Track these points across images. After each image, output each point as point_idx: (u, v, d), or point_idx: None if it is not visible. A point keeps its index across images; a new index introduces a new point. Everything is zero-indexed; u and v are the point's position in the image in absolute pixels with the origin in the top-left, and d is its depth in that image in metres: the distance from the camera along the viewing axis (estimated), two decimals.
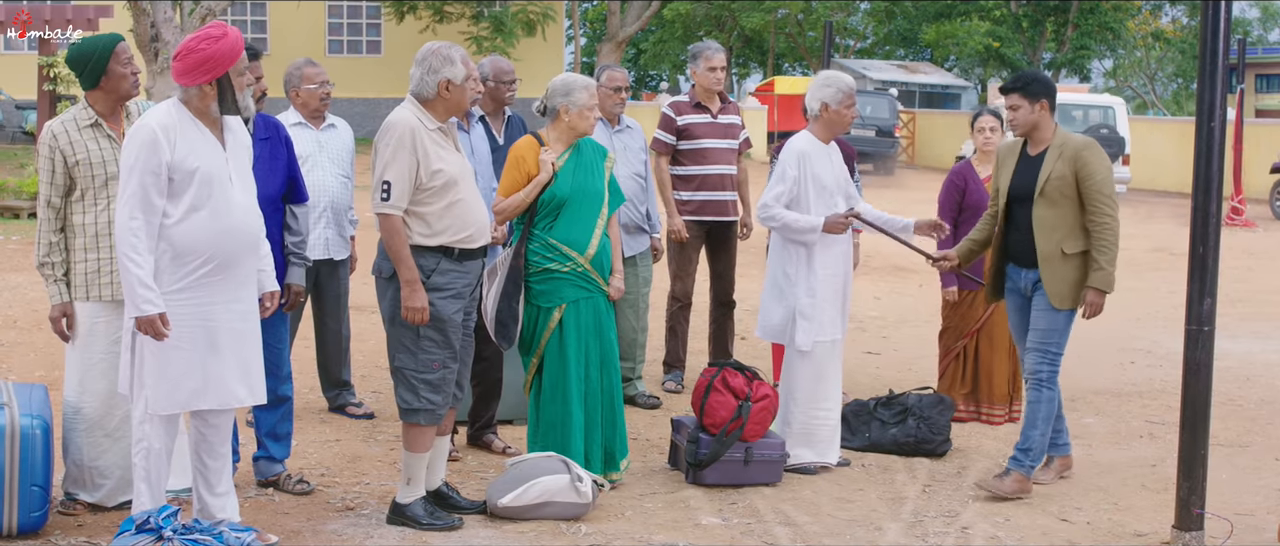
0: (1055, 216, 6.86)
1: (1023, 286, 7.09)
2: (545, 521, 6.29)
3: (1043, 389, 6.96)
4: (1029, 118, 6.99)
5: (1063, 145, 6.93)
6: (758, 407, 7.00)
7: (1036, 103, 6.96)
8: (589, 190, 6.77)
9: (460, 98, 6.14)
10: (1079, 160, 6.85)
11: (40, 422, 5.77)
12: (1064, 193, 6.85)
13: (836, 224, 7.22)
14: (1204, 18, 5.89)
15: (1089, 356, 10.90)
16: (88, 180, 5.96)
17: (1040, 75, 7.10)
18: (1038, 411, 6.96)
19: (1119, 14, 52.48)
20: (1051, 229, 6.87)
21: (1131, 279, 15.96)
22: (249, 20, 36.37)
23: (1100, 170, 6.85)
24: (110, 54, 6.00)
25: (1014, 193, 7.05)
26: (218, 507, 5.74)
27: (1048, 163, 6.91)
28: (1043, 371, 6.97)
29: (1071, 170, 6.84)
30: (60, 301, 6.02)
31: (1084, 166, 6.83)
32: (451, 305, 6.09)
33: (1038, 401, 6.96)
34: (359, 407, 8.26)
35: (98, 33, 6.36)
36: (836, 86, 7.35)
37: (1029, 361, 7.02)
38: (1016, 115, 7.01)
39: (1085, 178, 6.83)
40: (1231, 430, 8.45)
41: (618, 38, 37.38)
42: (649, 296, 8.85)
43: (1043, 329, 6.96)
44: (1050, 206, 6.87)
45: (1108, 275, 6.86)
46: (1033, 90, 6.97)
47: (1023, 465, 6.95)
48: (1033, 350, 6.99)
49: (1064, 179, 6.84)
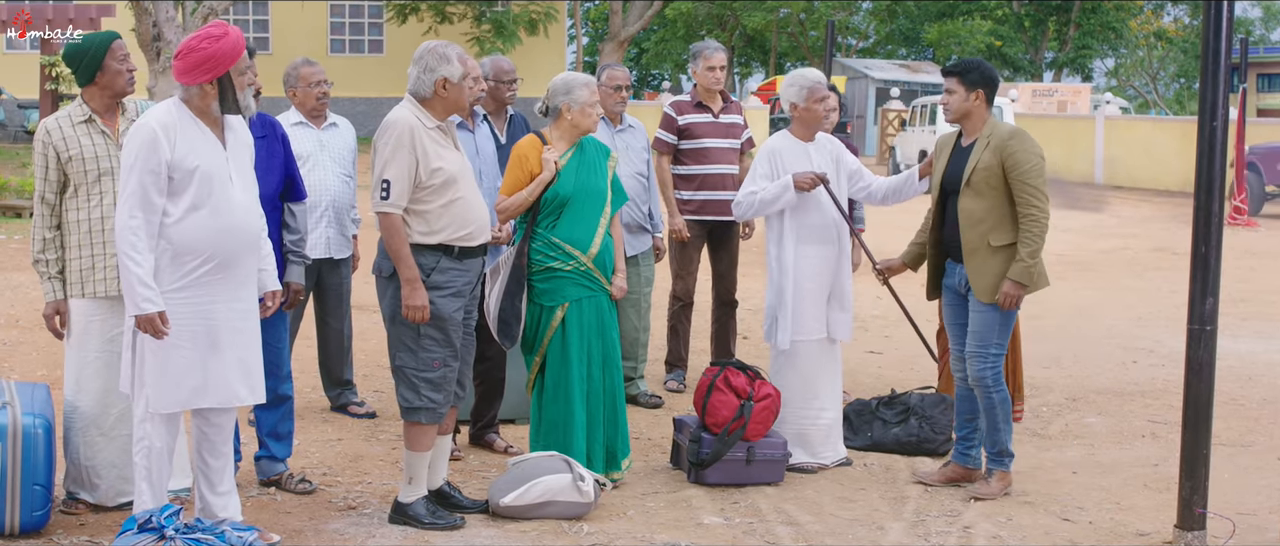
0: (982, 208, 6.73)
1: (957, 283, 6.95)
2: (547, 521, 6.29)
3: (991, 393, 6.84)
4: (961, 105, 6.81)
5: (990, 135, 6.77)
6: (760, 407, 6.99)
7: (972, 91, 6.78)
8: (592, 189, 6.77)
9: (458, 96, 6.14)
10: (1005, 150, 6.69)
11: (42, 422, 5.76)
12: (990, 183, 6.71)
13: (804, 180, 7.20)
14: (1206, 17, 5.88)
15: (1091, 356, 10.91)
16: (81, 176, 5.97)
17: (983, 65, 6.89)
18: (996, 414, 6.87)
19: (1121, 13, 52.49)
20: (977, 221, 6.74)
21: (1133, 278, 15.97)
22: (251, 19, 36.40)
23: (1027, 160, 6.68)
24: (106, 51, 6.00)
25: (946, 184, 6.92)
26: (220, 507, 5.74)
27: (975, 153, 6.76)
28: (986, 375, 6.82)
29: (997, 160, 6.69)
30: (54, 298, 6.03)
31: (1010, 156, 6.67)
32: (452, 303, 6.09)
33: (992, 406, 6.86)
34: (361, 407, 8.26)
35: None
36: (799, 84, 7.37)
37: (971, 368, 6.87)
38: (950, 100, 6.83)
39: (1012, 167, 6.67)
40: (1233, 430, 8.44)
41: (620, 37, 37.39)
42: (651, 296, 8.85)
43: (978, 331, 6.83)
44: (976, 198, 6.73)
45: (1027, 268, 6.66)
46: (971, 78, 6.79)
47: (1001, 464, 6.93)
48: (972, 355, 6.86)
49: (990, 169, 6.69)
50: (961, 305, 6.98)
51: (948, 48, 52.68)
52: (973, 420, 7.07)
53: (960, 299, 6.97)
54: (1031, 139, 6.81)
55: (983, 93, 6.82)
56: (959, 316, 7.01)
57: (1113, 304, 13.89)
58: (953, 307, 7.03)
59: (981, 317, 6.82)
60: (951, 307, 7.04)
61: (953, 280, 6.97)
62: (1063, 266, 16.62)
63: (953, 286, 6.98)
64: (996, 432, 6.92)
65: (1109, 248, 19.10)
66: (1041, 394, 9.36)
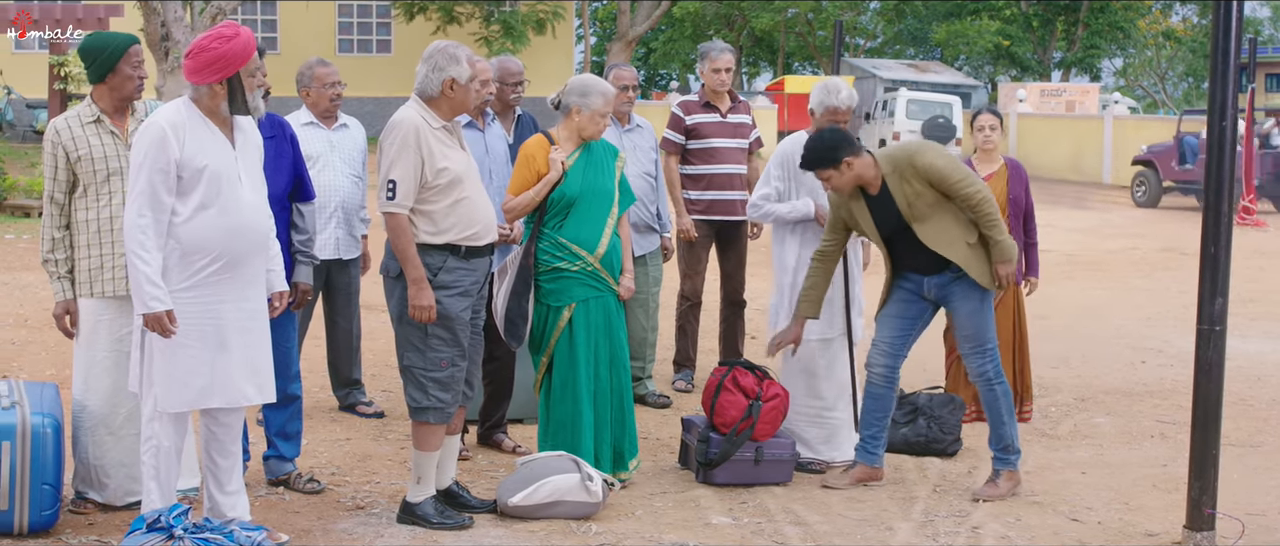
0: (940, 227, 6.75)
1: (925, 289, 6.93)
2: (555, 520, 6.29)
3: (994, 386, 6.91)
4: (847, 179, 6.75)
5: (894, 170, 6.74)
6: (768, 407, 6.99)
7: (842, 163, 6.71)
8: (599, 189, 6.76)
9: (464, 97, 6.13)
10: (920, 170, 6.69)
11: (51, 421, 5.77)
12: (931, 204, 6.72)
13: (825, 216, 7.28)
14: (1216, 17, 5.88)
15: (1100, 356, 10.90)
16: (90, 176, 5.97)
17: (824, 139, 6.81)
18: (1000, 408, 6.91)
19: (1129, 13, 52.40)
20: (946, 238, 6.76)
21: (1142, 278, 15.95)
22: (259, 19, 36.43)
23: (941, 162, 6.71)
24: (122, 54, 6.01)
25: (885, 230, 6.86)
26: (228, 506, 5.74)
27: (896, 192, 6.74)
28: (988, 369, 6.91)
29: (922, 183, 6.70)
30: (63, 298, 6.04)
31: (928, 171, 6.69)
32: (459, 303, 6.09)
33: (995, 398, 6.92)
34: (369, 406, 8.26)
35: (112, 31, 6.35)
36: (818, 97, 7.43)
37: (971, 365, 6.95)
38: (834, 183, 6.78)
39: (937, 179, 6.69)
40: (1242, 430, 8.43)
41: (627, 37, 37.41)
42: (659, 296, 8.85)
43: (970, 331, 6.89)
44: (927, 222, 6.75)
45: (1003, 245, 6.75)
46: (834, 157, 6.72)
47: (1009, 462, 6.94)
48: (970, 354, 6.93)
49: (922, 195, 6.71)
50: (917, 304, 6.99)
51: (955, 48, 52.63)
52: (882, 419, 7.06)
53: (921, 299, 6.98)
54: (926, 143, 6.86)
55: (849, 158, 6.73)
56: (909, 310, 6.99)
57: (1121, 303, 13.87)
58: (904, 303, 7.00)
59: (975, 319, 6.88)
60: (902, 303, 7.01)
61: (917, 286, 6.96)
62: (1071, 266, 16.62)
63: (916, 289, 6.97)
64: (1002, 427, 6.93)
65: (1117, 247, 19.08)
66: (1050, 394, 9.35)
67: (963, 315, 6.90)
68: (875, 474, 7.07)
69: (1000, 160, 8.53)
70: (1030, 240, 8.59)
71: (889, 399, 7.05)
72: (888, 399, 7.05)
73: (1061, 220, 22.01)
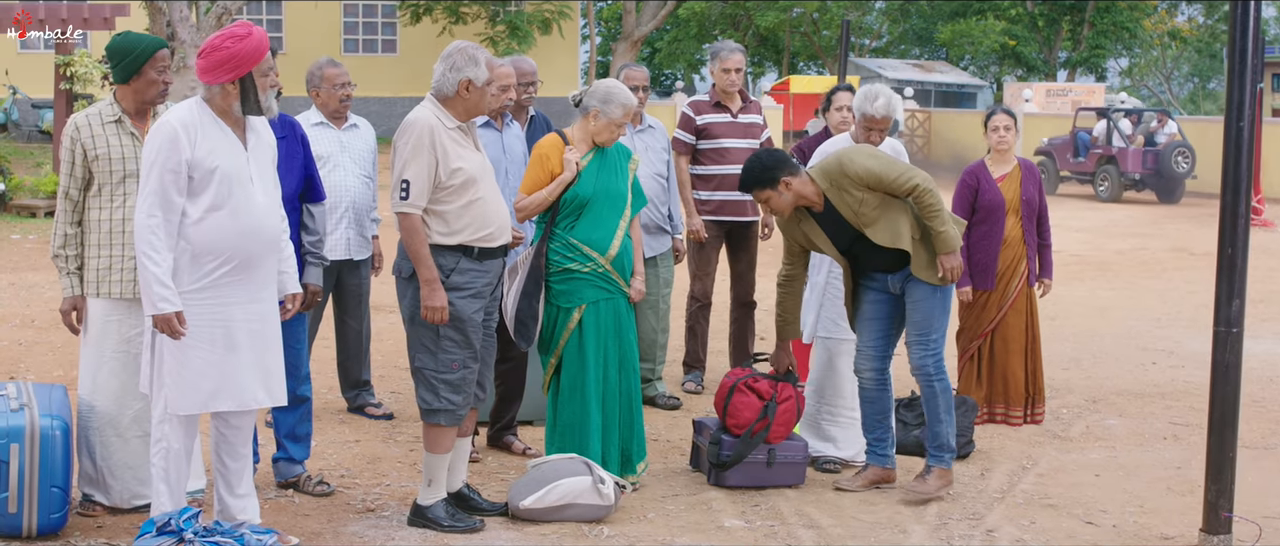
0: (890, 224, 6.66)
1: (891, 285, 6.84)
2: (567, 523, 6.25)
3: (933, 382, 6.82)
4: (786, 201, 6.70)
5: (831, 184, 6.67)
6: (783, 409, 6.95)
7: (778, 184, 6.66)
8: (612, 191, 6.72)
9: (479, 99, 6.10)
10: (855, 178, 6.61)
11: (60, 423, 5.74)
12: (876, 205, 6.64)
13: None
14: (1233, 16, 5.83)
15: (1110, 357, 10.85)
16: (106, 175, 5.94)
17: (761, 160, 6.79)
18: (937, 405, 6.82)
19: (1135, 13, 52.34)
20: (896, 231, 6.66)
21: (1151, 279, 15.89)
22: (265, 19, 36.41)
23: (872, 163, 6.63)
24: (149, 57, 5.97)
25: (845, 246, 6.80)
26: (238, 509, 5.71)
27: (839, 204, 6.68)
28: (928, 363, 6.81)
29: (861, 189, 6.62)
30: (72, 294, 6.00)
31: (863, 176, 6.60)
32: (471, 304, 6.05)
33: (933, 394, 6.82)
34: (378, 408, 8.23)
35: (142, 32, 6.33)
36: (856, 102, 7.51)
37: (912, 355, 6.84)
38: (774, 204, 6.73)
39: (874, 182, 6.60)
40: (1256, 432, 8.38)
41: (633, 37, 37.37)
42: (670, 298, 8.80)
43: (919, 319, 6.79)
44: (875, 224, 6.66)
45: (945, 235, 6.62)
46: (770, 178, 6.67)
47: (942, 460, 6.85)
48: (914, 343, 6.83)
49: (865, 200, 6.63)
50: (889, 302, 6.90)
51: (961, 47, 52.61)
52: (884, 420, 7.00)
53: (892, 298, 6.89)
54: (854, 148, 6.84)
55: (786, 178, 6.66)
56: (884, 310, 6.90)
57: (1131, 304, 13.83)
58: (876, 304, 6.91)
59: (923, 308, 6.77)
60: (875, 304, 6.91)
61: (883, 284, 6.87)
62: (1080, 266, 16.57)
63: (883, 287, 6.88)
64: (938, 424, 6.83)
65: (1125, 248, 19.02)
66: (1061, 395, 9.31)
67: (913, 301, 6.79)
68: (887, 475, 7.03)
69: (1014, 160, 8.48)
70: (1044, 241, 8.55)
71: (884, 400, 6.98)
72: (883, 400, 6.98)
73: (1068, 220, 21.94)
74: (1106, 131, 27.95)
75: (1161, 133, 28.08)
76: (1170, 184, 27.16)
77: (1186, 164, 26.86)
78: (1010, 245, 8.38)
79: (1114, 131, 27.82)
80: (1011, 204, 8.36)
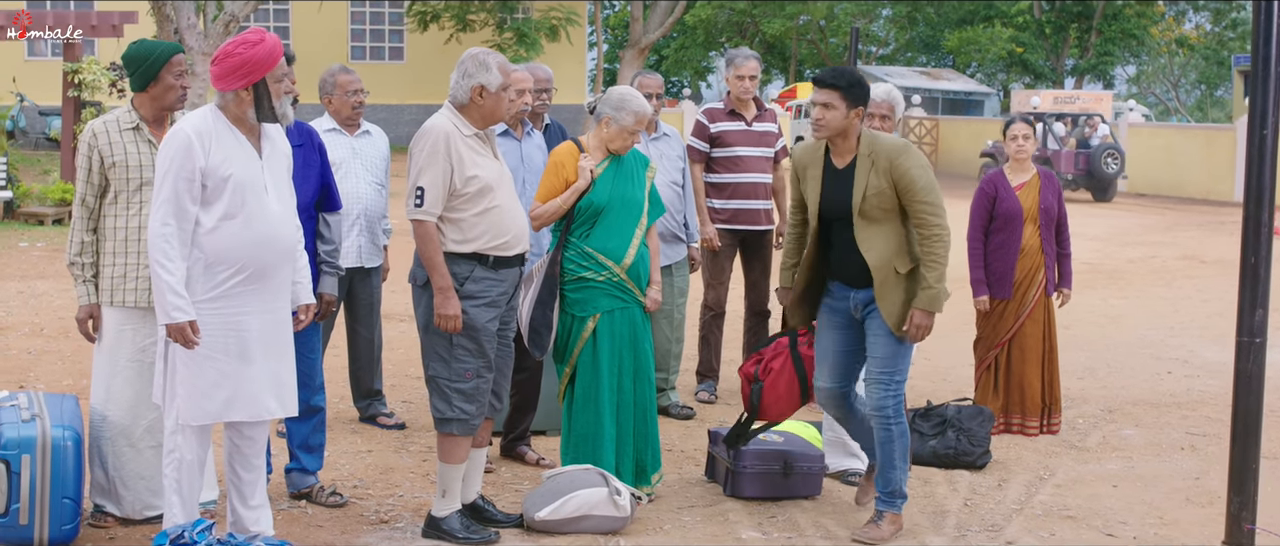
0: (881, 235, 6.15)
1: (852, 306, 6.30)
2: (583, 535, 6.19)
3: (891, 425, 6.26)
4: (840, 122, 6.12)
5: (872, 154, 6.15)
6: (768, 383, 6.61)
7: (854, 108, 6.12)
8: (628, 199, 6.67)
9: (494, 105, 6.04)
10: (896, 170, 6.09)
11: (72, 434, 5.68)
12: (884, 207, 6.13)
13: None
14: (1256, 22, 5.77)
15: (1125, 366, 10.79)
16: (122, 183, 5.89)
17: (862, 79, 6.22)
18: (893, 450, 6.28)
19: (1142, 20, 52.27)
20: (881, 248, 6.14)
21: (1163, 287, 15.83)
22: (272, 25, 36.41)
23: (921, 177, 6.11)
24: (165, 62, 5.93)
25: (827, 212, 6.28)
26: (252, 520, 5.65)
27: (860, 177, 6.15)
28: (888, 405, 6.24)
29: (889, 182, 6.10)
30: (87, 303, 5.95)
31: (903, 176, 6.09)
32: (485, 313, 5.99)
33: (890, 439, 6.28)
34: (390, 418, 8.17)
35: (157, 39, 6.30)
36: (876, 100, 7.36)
37: (872, 395, 6.25)
38: (827, 116, 6.13)
39: (906, 189, 6.10)
40: (1274, 442, 8.30)
41: (640, 44, 37.31)
42: (685, 307, 8.74)
43: (881, 356, 6.21)
44: (872, 224, 6.15)
45: (935, 294, 6.08)
46: (855, 94, 6.11)
47: (893, 506, 6.35)
48: (874, 382, 6.24)
49: (882, 193, 6.11)
50: (850, 329, 6.38)
51: (968, 55, 52.54)
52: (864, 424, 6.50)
53: (853, 323, 6.37)
54: (918, 151, 6.21)
55: (862, 110, 6.19)
56: (844, 342, 6.39)
57: (1143, 313, 13.76)
58: (837, 330, 6.39)
59: (887, 344, 6.21)
60: (836, 330, 6.40)
61: (845, 304, 6.35)
62: (1091, 274, 16.50)
63: (845, 310, 6.36)
64: (892, 470, 6.32)
65: (1137, 256, 18.96)
66: (1077, 405, 9.24)
67: (874, 334, 6.25)
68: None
69: (1032, 169, 8.42)
70: (1063, 250, 8.49)
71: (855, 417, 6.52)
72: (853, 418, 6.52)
73: (1080, 228, 21.82)
74: (1042, 135, 30.44)
75: (1095, 136, 30.79)
76: (1102, 183, 29.93)
77: (1115, 165, 29.70)
78: (1028, 254, 8.31)
79: (1048, 135, 30.61)
80: (1030, 212, 8.30)
